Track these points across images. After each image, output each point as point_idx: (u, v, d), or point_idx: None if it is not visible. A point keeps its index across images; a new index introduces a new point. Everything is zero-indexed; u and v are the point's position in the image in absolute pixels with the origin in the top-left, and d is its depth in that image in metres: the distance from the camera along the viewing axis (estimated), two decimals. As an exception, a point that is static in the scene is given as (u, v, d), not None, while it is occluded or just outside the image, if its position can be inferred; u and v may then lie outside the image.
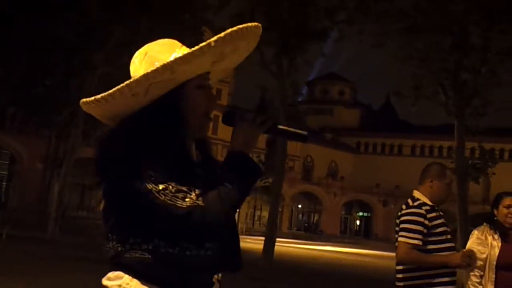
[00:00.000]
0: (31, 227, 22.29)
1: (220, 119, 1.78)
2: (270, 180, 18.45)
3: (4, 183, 42.49)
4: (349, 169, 68.75)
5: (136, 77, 1.62)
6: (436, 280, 3.81)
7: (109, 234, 1.66)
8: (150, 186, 1.55)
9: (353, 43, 23.67)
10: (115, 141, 1.64)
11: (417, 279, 3.83)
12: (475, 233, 4.34)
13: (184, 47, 1.72)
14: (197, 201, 1.54)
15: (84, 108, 1.72)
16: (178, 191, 1.55)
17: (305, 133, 1.77)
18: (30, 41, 21.01)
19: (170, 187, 1.55)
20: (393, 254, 4.09)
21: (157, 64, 1.61)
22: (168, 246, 1.59)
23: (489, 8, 19.10)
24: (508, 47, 19.39)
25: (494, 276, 4.20)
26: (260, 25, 1.69)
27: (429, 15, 19.53)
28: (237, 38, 1.65)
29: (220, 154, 51.87)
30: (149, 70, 1.61)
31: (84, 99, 1.69)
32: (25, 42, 21.10)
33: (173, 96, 1.67)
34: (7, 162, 42.04)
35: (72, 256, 14.46)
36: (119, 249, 1.62)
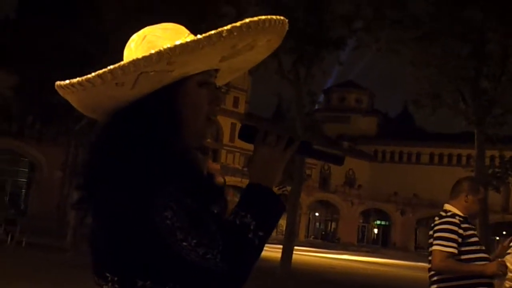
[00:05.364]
0: (50, 235, 22.42)
1: (237, 128, 1.58)
2: (288, 188, 18.32)
3: (24, 190, 42.94)
4: (367, 177, 68.43)
5: (122, 63, 1.30)
6: None
7: (107, 274, 1.31)
8: (169, 219, 1.24)
9: (370, 51, 23.51)
10: (113, 146, 1.32)
11: None
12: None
13: (192, 35, 1.40)
14: (220, 264, 1.26)
15: (60, 92, 1.41)
16: (198, 244, 1.24)
17: (341, 154, 1.48)
18: (46, 48, 21.22)
19: (190, 237, 1.24)
20: (412, 263, 4.09)
21: (153, 51, 1.30)
22: None
23: (507, 15, 18.93)
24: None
25: None
26: (286, 20, 1.39)
27: (445, 23, 19.39)
28: (256, 32, 1.35)
29: (238, 162, 51.87)
30: (139, 56, 1.29)
31: (59, 82, 1.38)
32: (41, 49, 21.32)
33: (168, 93, 1.36)
34: (27, 170, 42.48)
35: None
36: None
